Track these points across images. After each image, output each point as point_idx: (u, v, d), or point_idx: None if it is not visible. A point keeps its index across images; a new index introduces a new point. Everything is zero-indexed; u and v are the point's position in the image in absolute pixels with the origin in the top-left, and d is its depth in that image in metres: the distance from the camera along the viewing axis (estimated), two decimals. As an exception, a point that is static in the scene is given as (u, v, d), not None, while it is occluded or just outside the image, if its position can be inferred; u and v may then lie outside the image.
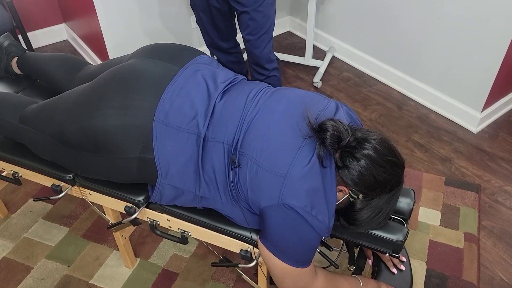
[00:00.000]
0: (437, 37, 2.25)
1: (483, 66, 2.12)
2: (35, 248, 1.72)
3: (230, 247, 1.27)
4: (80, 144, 1.18)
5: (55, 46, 2.95)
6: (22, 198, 1.91)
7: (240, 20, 1.97)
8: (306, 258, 1.09)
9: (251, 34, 1.97)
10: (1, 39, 1.69)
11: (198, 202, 1.18)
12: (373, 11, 2.51)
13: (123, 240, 1.55)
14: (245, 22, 1.95)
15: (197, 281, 1.62)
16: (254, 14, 1.90)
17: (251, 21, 1.93)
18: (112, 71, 1.21)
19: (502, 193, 1.97)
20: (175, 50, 1.27)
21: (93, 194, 1.37)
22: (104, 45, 2.41)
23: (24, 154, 1.40)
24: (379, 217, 1.11)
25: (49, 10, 2.85)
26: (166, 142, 1.12)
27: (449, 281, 1.61)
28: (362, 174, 1.02)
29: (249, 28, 1.95)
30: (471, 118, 2.29)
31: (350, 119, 1.19)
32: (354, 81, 2.68)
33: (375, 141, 1.03)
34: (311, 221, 1.01)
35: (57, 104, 1.27)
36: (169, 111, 1.12)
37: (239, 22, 1.99)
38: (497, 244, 1.76)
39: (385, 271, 1.35)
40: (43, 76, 1.63)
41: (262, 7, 1.91)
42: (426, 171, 2.07)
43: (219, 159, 1.10)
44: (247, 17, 1.92)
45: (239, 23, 1.99)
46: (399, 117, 2.40)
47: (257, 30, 1.96)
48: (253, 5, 1.88)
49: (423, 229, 1.79)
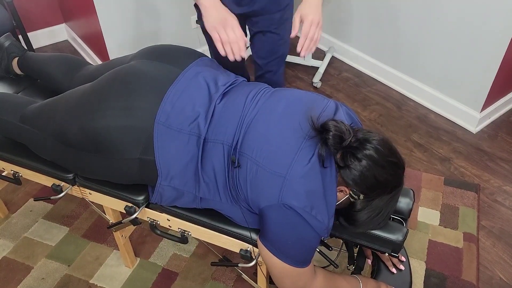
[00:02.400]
0: (436, 37, 2.26)
1: (482, 66, 2.12)
2: (35, 247, 1.72)
3: (230, 247, 1.28)
4: (80, 144, 1.18)
5: (55, 46, 2.95)
6: (22, 198, 1.91)
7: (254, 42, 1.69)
8: (306, 258, 1.10)
9: (263, 58, 1.70)
10: (2, 39, 1.70)
11: (198, 203, 1.18)
12: (373, 11, 2.51)
13: (123, 240, 1.55)
14: (259, 43, 1.67)
15: (197, 280, 1.62)
16: (270, 36, 1.63)
17: (266, 43, 1.66)
18: (114, 73, 1.21)
19: (501, 193, 1.97)
20: (177, 52, 1.27)
21: (93, 194, 1.38)
22: (104, 45, 2.41)
23: (24, 154, 1.40)
24: (379, 218, 1.11)
25: (49, 10, 2.85)
26: (167, 144, 1.12)
27: (448, 280, 1.61)
28: (364, 174, 1.03)
29: (262, 50, 1.69)
30: (470, 118, 2.29)
31: (349, 119, 1.20)
32: (353, 81, 2.68)
33: (377, 142, 1.04)
34: (310, 221, 1.02)
35: (58, 104, 1.27)
36: (170, 113, 1.12)
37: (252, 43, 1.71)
38: (496, 244, 1.76)
39: (384, 271, 1.36)
40: (43, 76, 1.63)
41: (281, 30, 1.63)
42: (425, 171, 2.07)
43: (219, 159, 1.10)
44: (263, 39, 1.64)
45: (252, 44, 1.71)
46: (398, 117, 2.40)
47: (270, 53, 1.69)
48: (271, 27, 1.61)
49: (423, 229, 1.80)
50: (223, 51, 1.15)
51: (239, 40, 1.18)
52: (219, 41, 1.18)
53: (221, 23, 1.21)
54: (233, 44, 1.17)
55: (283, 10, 1.57)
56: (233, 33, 1.20)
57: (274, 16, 1.56)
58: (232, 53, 1.18)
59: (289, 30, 1.63)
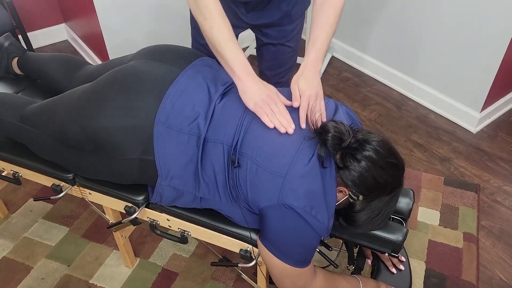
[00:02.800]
0: (436, 37, 2.26)
1: (482, 66, 2.12)
2: (35, 247, 1.72)
3: (230, 247, 1.28)
4: (80, 144, 1.18)
5: (55, 46, 2.95)
6: (22, 198, 1.91)
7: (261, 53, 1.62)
8: (306, 258, 1.10)
9: (272, 70, 1.65)
10: (2, 39, 1.70)
11: (198, 203, 1.18)
12: (372, 11, 2.51)
13: (123, 240, 1.55)
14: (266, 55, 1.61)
15: (196, 280, 1.62)
16: (281, 48, 1.57)
17: (277, 55, 1.60)
18: (114, 73, 1.21)
19: (501, 193, 1.97)
20: (177, 52, 1.27)
21: (93, 194, 1.38)
22: (104, 45, 2.41)
23: (24, 154, 1.40)
24: (379, 218, 1.11)
25: (49, 10, 2.85)
26: (167, 144, 1.12)
27: (448, 280, 1.61)
28: (363, 175, 1.03)
29: (271, 62, 1.62)
30: (470, 118, 2.29)
31: (349, 119, 1.20)
32: (353, 81, 2.68)
33: (376, 143, 1.04)
34: (310, 221, 1.02)
35: (58, 104, 1.27)
36: (170, 113, 1.12)
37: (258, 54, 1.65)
38: (496, 244, 1.76)
39: (384, 271, 1.36)
40: (43, 76, 1.63)
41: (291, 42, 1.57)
42: (425, 171, 2.07)
43: (218, 160, 1.10)
44: (273, 50, 1.58)
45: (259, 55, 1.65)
46: (398, 117, 2.40)
47: (280, 65, 1.64)
48: (282, 39, 1.54)
49: (422, 229, 1.80)
50: (271, 124, 1.07)
51: (285, 113, 1.10)
52: (265, 114, 1.09)
53: (264, 101, 1.11)
54: (280, 118, 1.09)
55: (295, 22, 1.51)
56: (277, 107, 1.11)
57: (287, 28, 1.51)
58: (282, 126, 1.08)
59: (299, 41, 1.60)
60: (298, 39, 1.58)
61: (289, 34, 1.52)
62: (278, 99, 1.13)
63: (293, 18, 1.49)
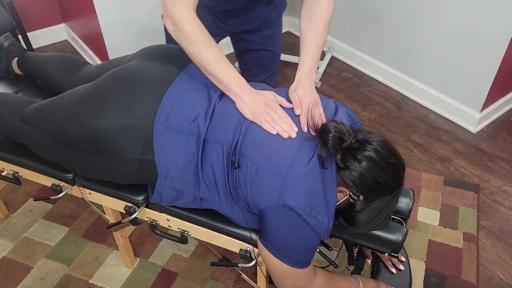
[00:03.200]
0: (436, 37, 2.26)
1: (482, 66, 2.13)
2: (35, 247, 1.72)
3: (230, 247, 1.28)
4: (80, 144, 1.18)
5: (55, 46, 2.95)
6: (22, 198, 1.91)
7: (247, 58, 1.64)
8: (306, 259, 1.10)
9: (256, 76, 1.66)
10: (2, 39, 1.70)
11: (197, 203, 1.18)
12: (372, 11, 2.51)
13: (123, 240, 1.55)
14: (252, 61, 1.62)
15: (196, 280, 1.62)
16: (263, 53, 1.59)
17: (259, 61, 1.62)
18: (113, 72, 1.21)
19: (501, 193, 1.97)
20: (176, 52, 1.27)
21: (93, 194, 1.38)
22: (104, 45, 2.41)
23: (24, 154, 1.40)
24: (379, 219, 1.11)
25: (49, 10, 2.85)
26: (166, 144, 1.12)
27: (448, 280, 1.61)
28: (363, 175, 1.03)
29: (255, 68, 1.64)
30: (470, 118, 2.29)
31: (349, 119, 1.20)
32: (353, 81, 2.68)
33: (377, 143, 1.04)
34: (310, 222, 1.01)
35: (58, 104, 1.27)
36: (170, 113, 1.12)
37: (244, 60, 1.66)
38: (496, 244, 1.76)
39: (384, 271, 1.36)
40: (43, 76, 1.63)
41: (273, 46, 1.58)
42: (425, 171, 2.07)
43: (218, 160, 1.10)
44: (255, 56, 1.60)
45: None
46: (398, 117, 2.40)
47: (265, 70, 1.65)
48: (263, 44, 1.57)
49: (422, 229, 1.80)
50: (274, 131, 1.08)
51: (285, 118, 1.10)
52: (266, 122, 1.09)
53: (261, 110, 1.11)
54: (282, 124, 1.09)
55: (274, 25, 1.54)
56: (277, 113, 1.11)
57: (267, 33, 1.53)
58: (284, 131, 1.08)
59: (280, 44, 1.61)
60: (278, 42, 1.61)
61: (269, 38, 1.55)
62: (277, 105, 1.14)
63: (272, 22, 1.52)
